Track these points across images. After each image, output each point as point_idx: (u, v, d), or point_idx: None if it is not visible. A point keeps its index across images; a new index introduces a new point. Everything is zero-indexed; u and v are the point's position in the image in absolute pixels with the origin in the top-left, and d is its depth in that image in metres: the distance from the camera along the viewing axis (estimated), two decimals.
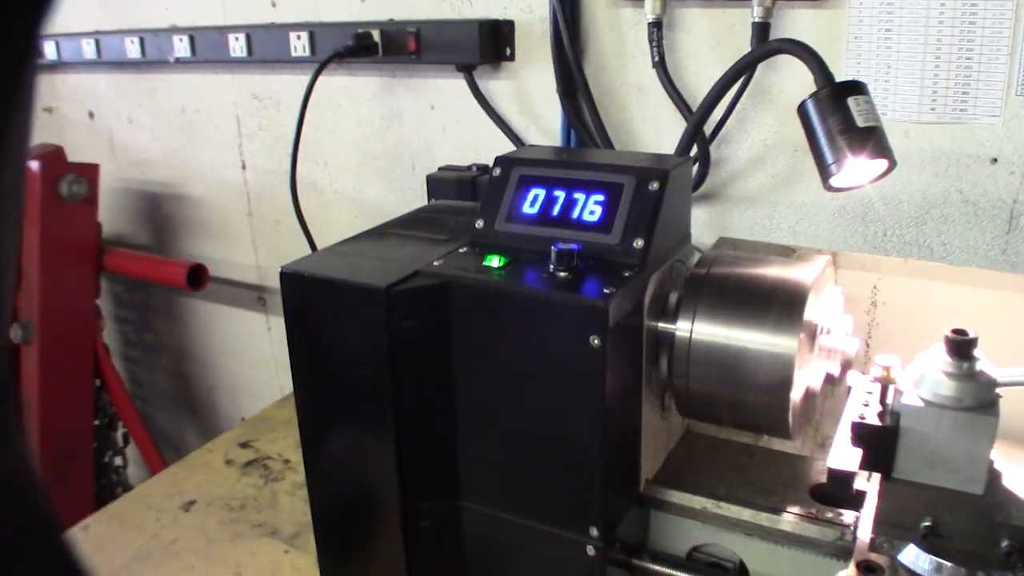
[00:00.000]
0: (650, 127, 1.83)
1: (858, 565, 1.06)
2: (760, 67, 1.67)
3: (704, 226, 1.80)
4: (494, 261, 1.17)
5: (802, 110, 1.23)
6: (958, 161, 1.65)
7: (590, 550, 1.18)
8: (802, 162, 1.71)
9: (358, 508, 1.31)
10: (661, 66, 1.71)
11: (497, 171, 1.28)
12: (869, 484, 1.14)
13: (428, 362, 1.18)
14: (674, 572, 1.28)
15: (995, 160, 1.63)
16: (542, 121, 1.95)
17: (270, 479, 1.92)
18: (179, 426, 3.22)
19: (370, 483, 1.26)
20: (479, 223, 1.26)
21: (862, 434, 0.99)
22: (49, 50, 2.79)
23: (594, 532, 1.17)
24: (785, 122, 1.71)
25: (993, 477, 1.00)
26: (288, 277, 1.22)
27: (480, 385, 1.18)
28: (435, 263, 1.19)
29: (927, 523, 0.98)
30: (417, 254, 1.24)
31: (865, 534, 1.06)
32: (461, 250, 1.24)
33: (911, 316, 1.41)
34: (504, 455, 1.21)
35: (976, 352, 0.97)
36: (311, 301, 1.21)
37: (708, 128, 1.71)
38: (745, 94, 1.70)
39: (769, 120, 1.73)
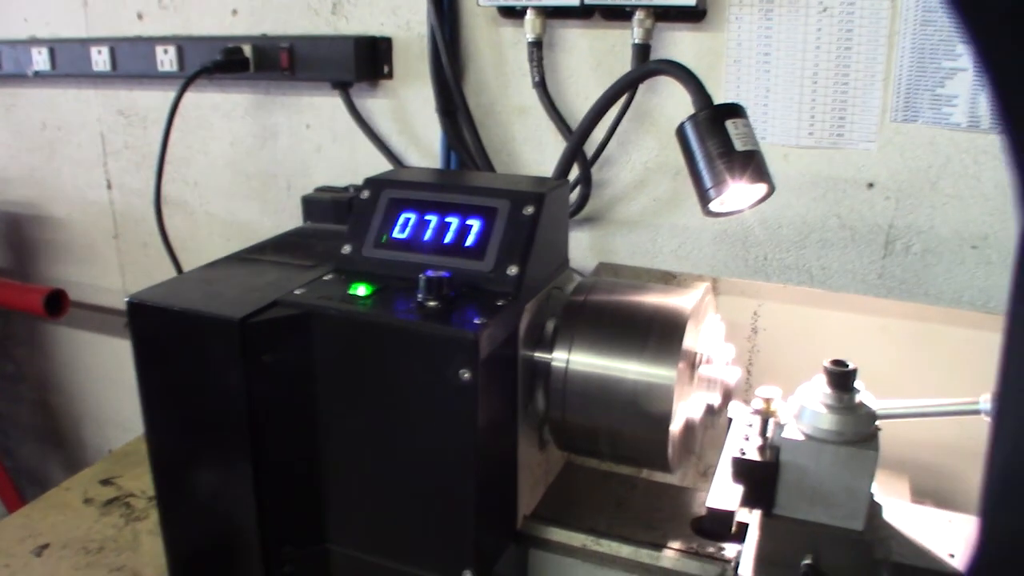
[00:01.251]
0: (532, 148, 1.79)
1: None
2: (641, 89, 1.65)
3: (586, 250, 1.76)
4: (360, 289, 1.11)
5: (680, 133, 1.20)
6: (836, 186, 1.65)
7: None
8: (684, 185, 1.69)
9: (217, 553, 1.21)
10: (541, 86, 1.67)
11: (366, 193, 1.22)
12: (751, 516, 1.10)
13: (289, 398, 1.10)
14: None
15: (871, 185, 1.64)
16: (422, 142, 1.89)
17: (132, 518, 1.80)
18: (44, 460, 3.02)
19: (229, 526, 1.17)
20: (346, 248, 1.19)
21: (742, 469, 0.96)
22: None
23: (468, 575, 1.11)
24: (666, 145, 1.69)
25: (874, 512, 0.97)
26: (136, 308, 1.12)
27: (346, 421, 1.11)
28: (296, 291, 1.12)
29: (807, 561, 0.95)
30: (279, 282, 1.16)
31: (747, 571, 1.03)
32: (326, 277, 1.17)
33: (791, 342, 1.40)
34: (372, 495, 1.14)
35: (856, 384, 0.94)
36: (162, 333, 1.12)
37: (590, 150, 1.68)
38: (626, 116, 1.67)
39: (651, 143, 1.71)
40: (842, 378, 0.94)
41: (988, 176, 1.59)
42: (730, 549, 1.18)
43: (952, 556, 0.95)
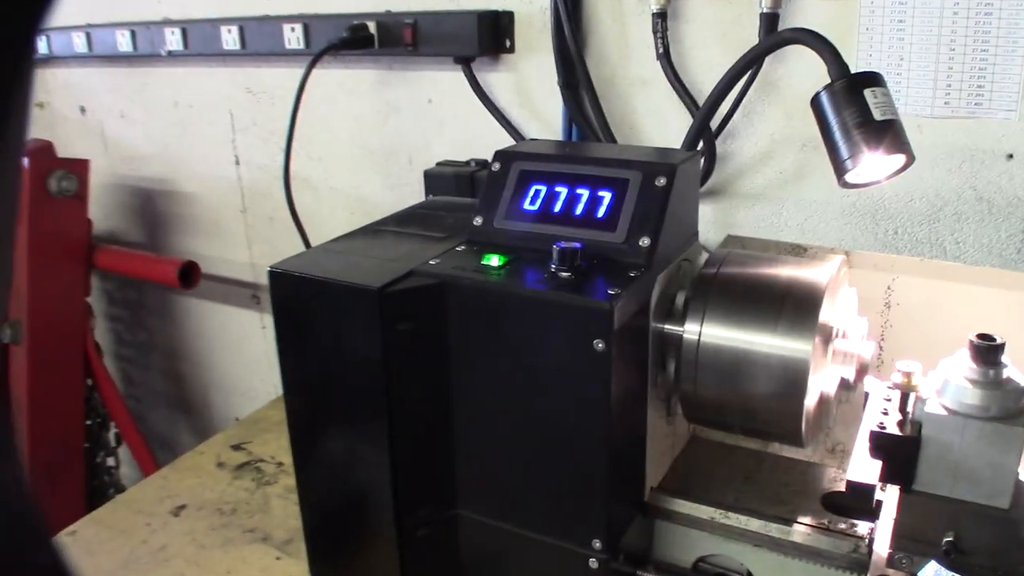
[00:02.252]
0: (653, 121, 1.77)
1: None
2: (768, 60, 1.62)
3: (709, 223, 1.74)
4: (493, 260, 1.12)
5: (816, 102, 1.17)
6: (972, 157, 1.60)
7: (593, 563, 1.13)
8: (810, 158, 1.66)
9: (351, 515, 1.25)
10: (665, 57, 1.66)
11: (496, 166, 1.23)
12: (885, 494, 1.08)
13: (424, 365, 1.13)
14: None
15: (1011, 156, 1.58)
16: (543, 115, 1.89)
17: (262, 483, 1.87)
18: (173, 426, 3.16)
19: (364, 490, 1.21)
20: (477, 220, 1.21)
21: (881, 444, 0.94)
22: (40, 44, 2.73)
23: (597, 544, 1.12)
24: (793, 116, 1.65)
25: (1019, 491, 0.94)
26: (277, 277, 1.16)
27: (479, 389, 1.13)
28: (431, 262, 1.14)
29: (949, 538, 0.93)
30: (413, 253, 1.19)
31: (883, 548, 1.01)
32: (459, 248, 1.19)
33: (927, 317, 1.36)
34: (503, 462, 1.16)
35: (1003, 358, 0.91)
36: (301, 302, 1.16)
37: (714, 122, 1.66)
38: (752, 87, 1.64)
39: (776, 114, 1.67)
40: (989, 352, 0.91)
41: None
42: (862, 526, 1.16)
43: None
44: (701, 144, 1.65)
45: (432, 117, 2.06)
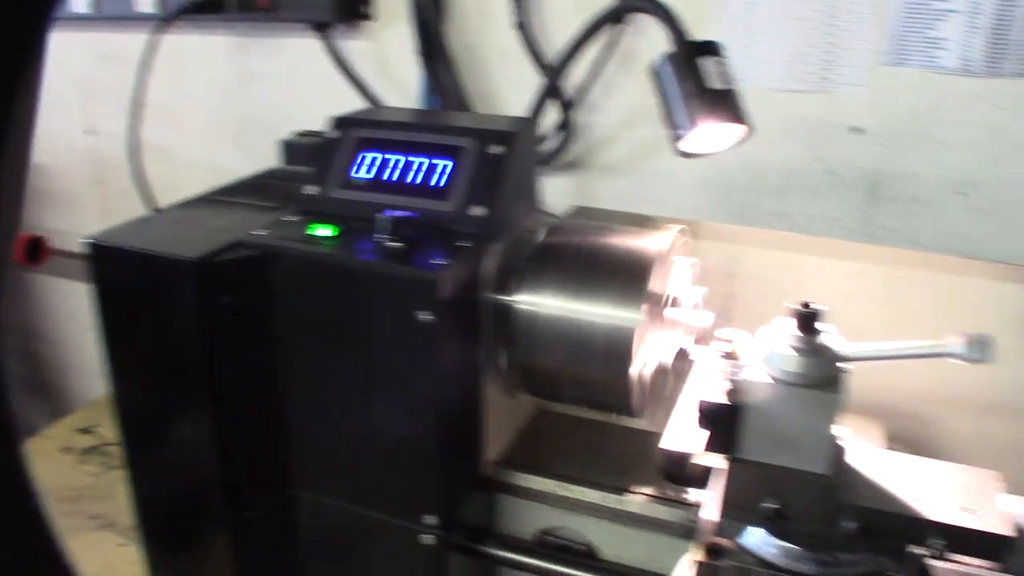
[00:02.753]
0: (513, 91, 1.75)
1: (705, 548, 1.01)
2: (626, 32, 1.61)
3: (569, 196, 1.73)
4: (322, 230, 1.08)
5: (654, 71, 1.17)
6: (821, 130, 1.62)
7: (427, 539, 1.11)
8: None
9: (183, 499, 1.20)
10: (522, 27, 1.63)
11: (333, 132, 1.19)
12: (718, 462, 1.08)
13: (250, 341, 1.08)
14: (520, 557, 1.21)
15: (858, 130, 1.61)
16: (403, 85, 1.85)
17: (110, 467, 1.80)
18: (32, 410, 3.02)
19: (193, 473, 1.16)
20: (311, 189, 1.17)
21: (705, 412, 0.94)
22: None
23: (431, 520, 1.10)
24: (650, 89, 1.65)
25: (839, 455, 0.95)
26: (95, 249, 1.10)
27: (308, 365, 1.09)
28: (257, 232, 1.09)
29: (772, 504, 0.94)
30: (242, 223, 1.14)
31: (710, 515, 1.01)
32: (289, 218, 1.14)
33: (770, 287, 1.37)
34: (337, 439, 1.12)
35: (822, 325, 0.92)
36: (120, 275, 1.10)
37: (572, 94, 1.64)
38: (610, 60, 1.63)
39: (635, 87, 1.66)
40: (808, 319, 0.91)
41: (979, 121, 1.55)
42: (697, 495, 1.17)
43: (918, 500, 0.93)
44: (559, 116, 1.63)
45: (291, 86, 2.00)
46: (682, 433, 0.94)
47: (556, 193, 1.75)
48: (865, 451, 1.01)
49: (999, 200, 1.58)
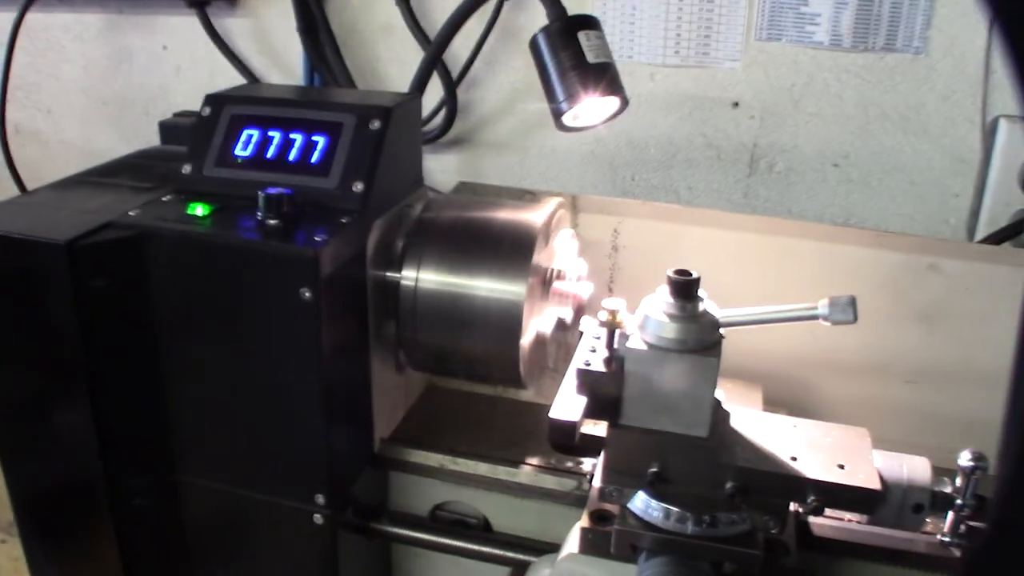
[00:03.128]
0: (398, 68, 1.74)
1: (591, 515, 1.03)
2: (508, 8, 1.61)
3: (454, 173, 1.73)
4: (198, 209, 1.06)
5: (533, 45, 1.17)
6: (702, 105, 1.66)
7: (317, 518, 1.10)
8: None
9: (62, 489, 1.16)
10: (405, 3, 1.62)
11: (207, 110, 1.16)
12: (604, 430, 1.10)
13: (126, 324, 1.05)
14: (414, 533, 1.22)
15: (736, 104, 1.65)
16: (284, 62, 1.82)
17: None
18: None
19: (72, 462, 1.12)
20: (186, 168, 1.14)
21: (587, 381, 0.95)
22: None
23: (320, 499, 1.09)
24: (534, 65, 1.66)
25: (719, 419, 0.98)
26: None
27: (188, 347, 1.07)
28: (131, 213, 1.06)
29: (654, 469, 0.96)
30: (115, 203, 1.10)
31: (598, 483, 1.03)
32: (164, 198, 1.11)
33: (652, 259, 1.39)
34: (220, 422, 1.10)
35: (699, 293, 0.94)
36: None
37: (456, 70, 1.64)
38: (492, 35, 1.63)
39: (518, 63, 1.68)
40: (685, 287, 0.93)
41: (850, 95, 1.61)
42: (587, 464, 1.19)
43: (794, 459, 0.96)
44: (443, 92, 1.63)
45: (168, 64, 1.94)
46: (570, 402, 0.95)
47: (443, 171, 1.75)
48: (743, 414, 1.04)
49: (869, 170, 1.64)
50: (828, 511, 0.99)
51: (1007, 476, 0.43)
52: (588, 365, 0.95)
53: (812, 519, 1.10)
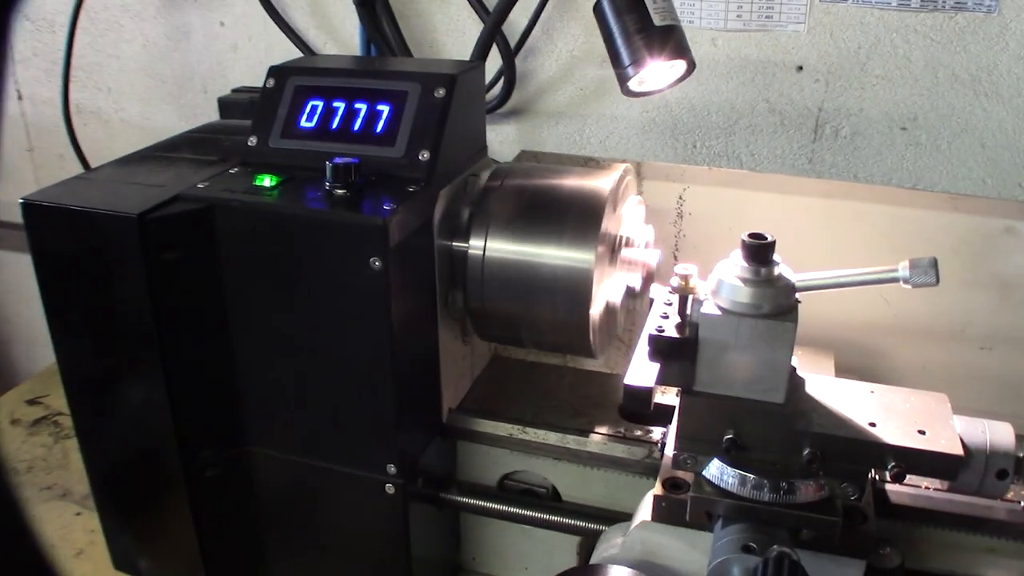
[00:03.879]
0: (454, 39, 1.72)
1: (664, 483, 1.02)
2: None
3: (513, 143, 1.71)
4: (266, 181, 1.06)
5: (598, 9, 1.15)
6: (764, 70, 1.62)
7: (389, 488, 1.10)
8: (610, 74, 1.63)
9: (136, 462, 1.18)
10: None
11: (271, 82, 1.16)
12: (678, 398, 1.09)
13: (197, 296, 1.06)
14: (484, 503, 1.22)
15: (800, 68, 1.61)
16: (340, 35, 1.81)
17: (60, 437, 1.76)
18: None
19: (147, 435, 1.14)
20: (252, 140, 1.14)
21: (660, 347, 0.94)
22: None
23: (392, 469, 1.09)
24: (592, 32, 1.62)
25: (794, 385, 0.96)
26: (31, 209, 1.07)
27: (257, 318, 1.07)
28: (200, 185, 1.06)
29: (729, 436, 0.94)
30: (183, 176, 1.11)
31: (671, 451, 1.02)
32: (231, 171, 1.12)
33: (718, 225, 1.38)
34: (291, 393, 1.11)
35: (774, 257, 0.92)
36: (60, 235, 1.07)
37: (514, 39, 1.62)
38: (550, 3, 1.61)
39: (576, 30, 1.65)
40: (759, 250, 0.91)
41: (918, 56, 1.56)
42: (656, 432, 1.18)
43: (873, 425, 0.95)
44: (501, 62, 1.61)
45: (225, 41, 1.94)
46: (644, 369, 0.94)
47: (501, 141, 1.73)
48: (818, 380, 1.02)
49: (938, 133, 1.60)
50: (906, 478, 0.97)
51: None
52: (661, 331, 0.94)
53: (889, 486, 1.08)
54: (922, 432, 0.95)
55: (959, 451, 0.93)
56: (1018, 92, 1.55)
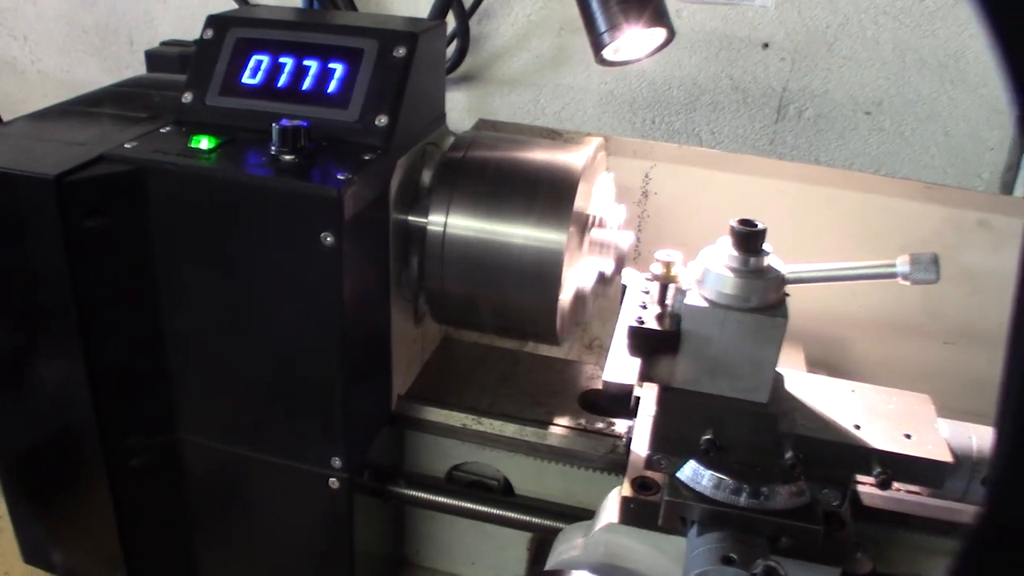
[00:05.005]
0: None
1: (632, 483, 0.95)
2: None
3: (463, 111, 1.62)
4: (203, 142, 0.95)
5: None
6: (730, 45, 1.56)
7: (333, 483, 1.01)
8: (569, 41, 1.56)
9: (53, 447, 1.07)
10: None
11: (209, 33, 1.05)
12: (644, 390, 1.01)
13: (122, 269, 0.95)
14: (434, 497, 1.14)
15: (766, 45, 1.55)
16: None
17: None
18: None
19: (65, 419, 1.03)
20: (187, 97, 1.03)
21: (640, 340, 0.86)
22: None
23: (337, 463, 1.00)
24: None
25: (776, 383, 0.90)
26: None
27: (191, 295, 0.97)
28: (127, 145, 0.95)
29: (708, 436, 0.87)
30: (105, 136, 0.99)
31: (641, 449, 0.95)
32: (163, 130, 1.01)
33: (685, 207, 1.31)
34: (226, 377, 1.01)
35: (765, 246, 0.85)
36: None
37: (469, 1, 1.52)
38: None
39: None
40: (750, 238, 0.84)
41: (887, 39, 1.52)
42: (619, 425, 1.11)
43: (858, 428, 0.89)
44: (454, 23, 1.51)
45: None
46: (623, 364, 0.86)
47: (451, 108, 1.64)
48: (798, 377, 0.96)
49: (903, 119, 1.56)
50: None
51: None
52: (642, 323, 0.87)
53: (861, 488, 1.03)
54: (908, 436, 0.89)
55: (948, 457, 0.87)
56: (984, 81, 1.51)
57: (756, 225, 0.85)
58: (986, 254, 1.26)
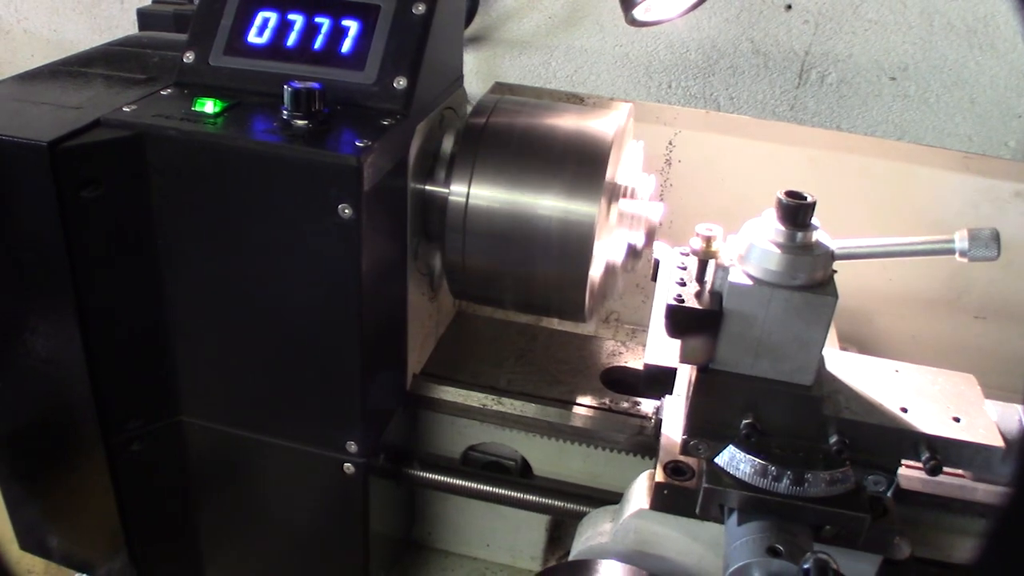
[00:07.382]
0: None
1: (665, 467, 0.90)
2: None
3: (471, 74, 1.55)
4: (207, 106, 0.88)
5: None
6: (751, 6, 1.49)
7: (348, 468, 0.96)
8: (583, 2, 1.50)
9: (50, 431, 1.01)
10: None
11: None
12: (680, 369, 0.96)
13: (122, 243, 0.89)
14: (450, 479, 1.09)
15: (789, 7, 1.49)
16: None
17: None
18: None
19: (62, 401, 0.97)
20: (188, 56, 0.96)
21: (680, 319, 0.81)
22: None
23: (352, 447, 0.95)
24: None
25: (822, 366, 0.85)
26: None
27: (195, 270, 0.91)
28: (126, 109, 0.88)
29: (748, 420, 0.82)
30: (101, 98, 0.93)
31: (674, 433, 0.90)
32: (164, 92, 0.94)
33: (709, 175, 1.25)
34: (232, 358, 0.95)
35: (813, 220, 0.80)
36: None
37: None
38: None
39: None
40: (798, 212, 0.79)
41: (914, 1, 1.46)
42: (645, 404, 1.06)
43: (905, 411, 0.84)
44: None
45: None
46: (663, 345, 0.81)
47: None
48: (839, 356, 0.91)
49: (928, 85, 1.50)
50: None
51: None
52: (681, 301, 0.81)
53: (926, 478, 0.98)
54: (956, 419, 0.85)
55: (999, 442, 0.83)
56: (1014, 46, 1.46)
57: (805, 198, 0.80)
58: (1021, 226, 1.21)
